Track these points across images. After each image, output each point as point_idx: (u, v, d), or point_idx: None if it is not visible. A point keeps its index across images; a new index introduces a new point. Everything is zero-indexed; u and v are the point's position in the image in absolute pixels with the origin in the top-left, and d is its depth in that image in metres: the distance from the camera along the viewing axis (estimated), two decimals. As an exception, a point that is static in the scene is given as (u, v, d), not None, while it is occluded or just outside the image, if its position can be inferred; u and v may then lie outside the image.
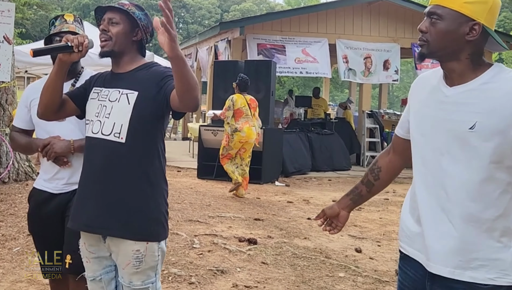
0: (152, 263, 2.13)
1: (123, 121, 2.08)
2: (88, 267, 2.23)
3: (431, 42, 1.65)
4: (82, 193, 2.16)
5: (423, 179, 1.74)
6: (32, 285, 3.77)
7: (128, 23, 2.15)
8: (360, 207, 7.12)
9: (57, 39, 2.55)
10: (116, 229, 2.08)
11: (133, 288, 2.12)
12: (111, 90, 2.14)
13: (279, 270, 4.38)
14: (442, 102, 1.68)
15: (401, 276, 1.87)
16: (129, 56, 2.18)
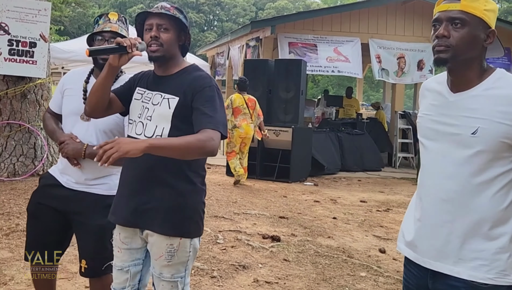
0: (183, 259, 2.21)
1: (165, 124, 2.15)
2: (119, 256, 2.31)
3: (456, 47, 1.64)
4: (125, 190, 2.25)
5: (427, 181, 1.76)
6: (61, 272, 3.90)
7: (176, 28, 2.21)
8: (388, 207, 7.10)
9: (99, 38, 2.59)
10: (154, 225, 2.16)
11: (163, 279, 2.20)
12: (154, 93, 2.21)
13: (300, 267, 4.42)
14: (446, 108, 1.70)
15: (405, 275, 1.90)
16: (175, 60, 2.24)
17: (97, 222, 2.59)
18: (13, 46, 6.60)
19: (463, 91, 1.68)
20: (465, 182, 1.63)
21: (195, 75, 2.21)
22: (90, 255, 2.65)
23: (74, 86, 2.71)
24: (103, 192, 2.64)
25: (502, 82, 1.63)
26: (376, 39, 11.51)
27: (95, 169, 2.58)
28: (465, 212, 1.63)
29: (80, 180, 2.63)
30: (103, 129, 2.61)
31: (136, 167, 2.18)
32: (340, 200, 7.60)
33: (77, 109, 2.64)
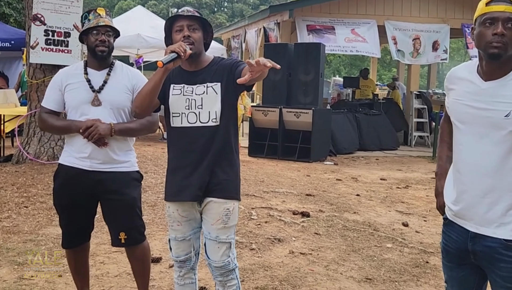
0: (235, 221, 2.61)
1: (216, 108, 2.51)
2: (179, 229, 2.63)
3: (510, 44, 1.90)
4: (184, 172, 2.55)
5: (466, 159, 2.06)
6: (113, 247, 4.29)
7: (203, 28, 2.56)
8: (407, 185, 7.42)
9: (94, 32, 2.85)
10: (216, 192, 2.53)
11: (219, 241, 2.55)
12: (195, 86, 2.54)
13: (331, 240, 4.78)
14: (478, 94, 2.00)
15: (445, 239, 2.20)
16: (203, 56, 2.60)
17: (130, 195, 2.95)
18: (49, 36, 6.95)
19: (494, 80, 1.98)
20: (502, 158, 1.94)
21: (224, 61, 2.61)
22: (128, 226, 2.96)
23: (74, 80, 2.93)
24: (127, 169, 2.97)
25: None
26: (392, 21, 11.71)
27: (118, 144, 2.92)
28: (503, 184, 1.95)
29: (107, 159, 2.88)
30: (118, 108, 2.91)
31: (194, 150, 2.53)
32: (361, 178, 7.93)
33: (87, 97, 2.88)
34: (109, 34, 2.91)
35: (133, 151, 3.09)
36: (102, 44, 2.87)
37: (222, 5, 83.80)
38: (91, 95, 2.88)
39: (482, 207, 2.00)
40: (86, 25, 2.92)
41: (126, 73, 3.01)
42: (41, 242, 4.31)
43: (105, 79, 2.93)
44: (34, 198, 5.46)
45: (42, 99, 7.04)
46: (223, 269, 2.57)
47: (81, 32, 2.95)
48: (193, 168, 2.54)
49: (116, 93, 2.92)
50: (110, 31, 2.92)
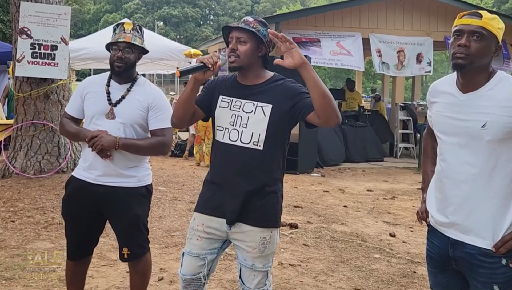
0: (273, 249, 2.48)
1: (261, 131, 2.37)
2: (197, 244, 2.50)
3: (473, 55, 2.00)
4: (220, 189, 2.46)
5: (447, 167, 2.13)
6: (102, 260, 4.28)
7: (254, 41, 2.39)
8: (394, 195, 7.49)
9: (114, 48, 2.85)
10: (251, 219, 2.41)
11: (255, 269, 2.44)
12: (244, 102, 2.42)
13: (319, 251, 4.80)
14: (457, 106, 2.07)
15: (428, 246, 2.27)
16: (256, 70, 2.45)
17: (133, 212, 2.91)
18: (35, 49, 6.93)
19: (472, 92, 2.05)
20: (480, 167, 2.00)
21: (286, 84, 2.45)
22: (131, 241, 2.96)
23: (95, 90, 2.96)
24: (133, 184, 2.92)
25: (502, 83, 2.01)
26: (377, 34, 11.86)
27: (125, 159, 2.89)
28: (482, 193, 2.01)
29: (111, 172, 2.87)
30: (130, 124, 2.89)
31: (232, 169, 2.41)
32: (348, 190, 7.99)
33: (103, 109, 2.90)
34: (128, 51, 2.87)
35: (145, 167, 3.03)
36: (118, 60, 2.86)
37: (208, 18, 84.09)
38: (107, 108, 2.88)
39: (462, 214, 2.05)
40: (112, 38, 2.93)
41: (145, 91, 2.97)
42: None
43: (124, 94, 2.92)
44: (21, 212, 5.42)
45: (28, 113, 7.04)
46: None
47: (106, 45, 2.95)
48: (229, 188, 2.44)
49: (130, 109, 2.90)
50: (129, 48, 2.88)
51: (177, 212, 5.79)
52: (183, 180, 7.47)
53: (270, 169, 2.42)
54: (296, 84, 2.46)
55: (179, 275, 2.57)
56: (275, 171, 2.45)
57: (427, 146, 2.47)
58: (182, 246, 4.74)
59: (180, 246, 4.73)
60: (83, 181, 2.93)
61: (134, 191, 2.92)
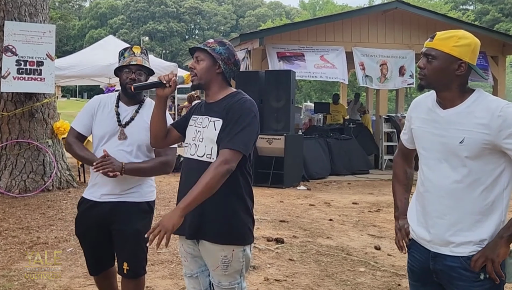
0: (238, 267, 2.47)
1: (212, 144, 2.43)
2: (186, 265, 2.60)
3: (428, 76, 2.11)
4: None
5: (427, 182, 2.20)
6: (88, 279, 4.27)
7: (210, 59, 2.47)
8: (379, 208, 7.56)
9: (126, 70, 2.97)
10: (209, 235, 2.42)
11: (222, 287, 2.48)
12: (203, 118, 2.52)
13: (305, 265, 4.84)
14: (437, 122, 2.14)
15: (410, 259, 2.33)
16: (216, 87, 2.52)
17: (134, 227, 2.97)
18: (21, 65, 6.96)
19: (450, 108, 2.12)
20: (459, 182, 2.07)
21: (237, 98, 2.47)
22: (130, 257, 3.02)
23: (105, 110, 3.07)
24: (135, 199, 3.02)
25: (479, 101, 2.08)
26: (359, 47, 12.03)
27: (128, 180, 2.99)
28: (461, 206, 2.07)
29: (116, 191, 2.99)
30: (139, 144, 3.00)
31: (191, 185, 2.37)
32: (334, 203, 8.05)
33: (112, 130, 3.02)
34: (140, 73, 3.00)
35: (148, 183, 3.11)
36: (132, 82, 2.94)
37: (193, 33, 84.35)
38: (117, 128, 2.99)
39: (442, 228, 2.12)
40: (120, 62, 3.04)
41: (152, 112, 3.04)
42: (14, 277, 4.26)
43: (133, 116, 3.03)
44: (5, 232, 5.40)
45: (13, 132, 7.03)
46: None
47: (115, 69, 3.05)
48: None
49: (139, 131, 3.00)
50: (141, 70, 3.01)
51: (163, 229, 5.81)
52: (169, 197, 7.48)
53: (226, 182, 2.35)
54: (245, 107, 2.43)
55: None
56: (232, 184, 2.41)
57: (398, 171, 2.49)
58: (168, 263, 4.76)
59: (166, 263, 4.74)
60: (90, 201, 3.06)
61: (137, 206, 3.02)
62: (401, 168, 2.49)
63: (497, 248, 2.03)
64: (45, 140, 7.18)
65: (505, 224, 2.08)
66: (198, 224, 2.43)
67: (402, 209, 2.42)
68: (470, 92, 2.12)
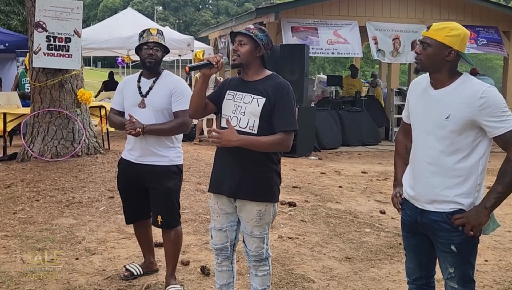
0: (268, 220, 2.96)
1: (255, 118, 2.84)
2: (218, 220, 3.02)
3: (423, 61, 2.51)
4: (222, 168, 2.97)
5: (417, 150, 2.64)
6: (121, 233, 4.80)
7: (253, 43, 2.87)
8: (386, 177, 8.00)
9: (145, 48, 3.53)
10: (247, 194, 2.89)
11: (254, 236, 2.95)
12: (244, 94, 2.89)
13: (315, 226, 5.33)
14: (428, 100, 2.57)
15: (402, 215, 2.78)
16: (255, 68, 2.92)
17: (166, 185, 3.55)
18: (50, 42, 7.40)
19: (440, 89, 2.54)
20: (442, 151, 2.50)
21: (277, 82, 2.91)
22: (164, 211, 3.58)
23: (130, 86, 3.67)
24: (166, 163, 3.57)
25: (465, 84, 2.50)
26: (373, 22, 12.28)
27: (159, 142, 3.54)
28: (443, 171, 2.51)
29: (147, 154, 3.53)
30: (158, 110, 3.53)
31: (231, 151, 2.86)
32: (344, 172, 8.50)
33: (135, 101, 3.57)
34: (157, 49, 3.55)
35: (176, 148, 3.62)
36: (149, 57, 3.53)
37: (207, 3, 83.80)
38: (139, 99, 3.54)
39: (427, 189, 2.56)
40: (140, 41, 3.57)
41: (168, 80, 3.60)
42: (56, 231, 4.80)
43: (151, 86, 3.56)
44: (43, 192, 5.94)
45: (44, 101, 7.54)
46: (257, 257, 3.02)
47: (136, 47, 3.62)
48: (230, 167, 2.91)
49: (158, 98, 3.53)
50: (157, 47, 3.55)
51: (185, 192, 6.29)
52: (188, 163, 7.97)
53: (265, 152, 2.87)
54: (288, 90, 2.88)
55: (211, 246, 3.12)
56: (270, 153, 2.90)
57: (399, 146, 2.91)
58: (191, 221, 5.27)
59: (189, 221, 5.25)
60: (128, 161, 3.64)
61: (167, 168, 3.55)
62: (402, 144, 2.89)
63: (480, 217, 2.46)
64: (73, 109, 7.67)
65: (479, 186, 2.52)
66: (237, 185, 2.89)
67: (399, 179, 2.85)
68: (458, 76, 2.53)
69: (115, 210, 5.43)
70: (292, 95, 2.91)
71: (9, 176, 6.64)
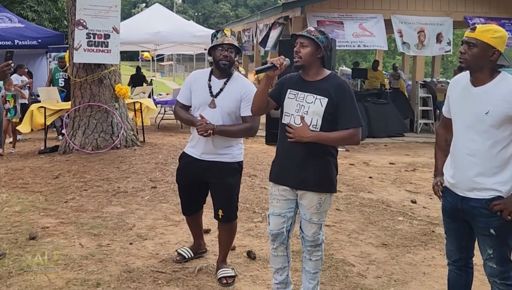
0: (326, 208, 3.23)
1: (318, 117, 3.05)
2: (278, 206, 3.25)
3: (468, 60, 2.73)
4: (286, 161, 3.18)
5: (458, 142, 2.86)
6: (168, 221, 5.10)
7: (314, 45, 3.06)
8: (415, 168, 8.19)
9: (220, 48, 3.58)
10: (311, 185, 3.13)
11: (312, 222, 3.20)
12: (306, 94, 3.09)
13: (350, 214, 5.57)
14: (469, 97, 2.79)
15: (444, 201, 3.01)
16: (315, 68, 3.11)
17: (228, 181, 3.72)
18: (90, 38, 7.74)
19: (480, 86, 2.76)
20: (482, 143, 2.72)
21: (337, 82, 3.11)
22: (225, 206, 3.77)
23: (200, 84, 3.73)
24: (228, 160, 3.72)
25: (503, 82, 2.71)
26: (398, 15, 12.39)
27: (222, 141, 3.68)
28: (483, 162, 2.73)
29: (211, 151, 3.68)
30: (227, 112, 3.64)
31: (294, 147, 3.09)
32: (372, 163, 8.71)
33: (205, 100, 3.66)
34: (231, 51, 3.61)
35: (238, 146, 3.77)
36: (225, 58, 3.59)
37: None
38: (209, 99, 3.62)
39: (468, 178, 2.79)
40: (214, 42, 3.65)
41: (239, 84, 3.67)
42: (107, 218, 5.11)
43: (222, 87, 3.64)
44: (90, 183, 6.27)
45: (85, 96, 7.91)
46: (313, 243, 3.26)
47: (209, 48, 3.68)
48: (294, 161, 3.14)
49: (228, 100, 3.61)
50: (232, 48, 3.61)
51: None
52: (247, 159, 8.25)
53: (325, 146, 3.11)
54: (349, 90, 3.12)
55: (268, 231, 3.35)
56: (328, 148, 3.15)
57: (440, 139, 3.13)
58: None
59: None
60: (191, 157, 3.78)
61: (229, 165, 3.71)
62: (442, 137, 3.11)
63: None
64: (112, 103, 8.00)
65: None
66: (301, 177, 3.14)
67: (440, 169, 3.07)
68: (497, 74, 2.74)
69: (159, 199, 5.74)
70: (352, 93, 3.12)
71: (56, 167, 6.99)
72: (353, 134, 3.07)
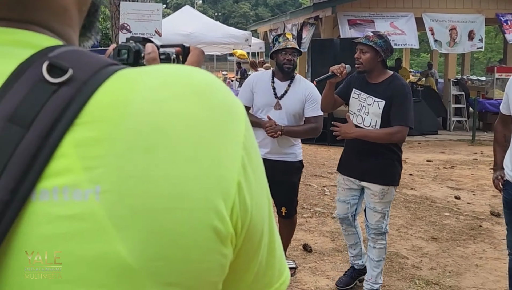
0: (390, 198, 3.44)
1: (377, 118, 3.30)
2: (342, 193, 3.58)
3: None
4: (353, 155, 3.46)
5: None
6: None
7: (373, 51, 3.28)
8: (453, 165, 8.25)
9: (283, 52, 3.68)
10: (374, 178, 3.39)
11: (375, 211, 3.42)
12: (367, 96, 3.34)
13: (397, 210, 5.69)
14: None
15: (505, 194, 3.12)
16: (377, 71, 3.34)
17: (292, 179, 3.85)
18: (134, 42, 7.97)
19: None
20: None
21: (395, 84, 3.31)
22: (288, 203, 3.90)
23: (261, 85, 3.81)
24: (291, 159, 3.82)
25: None
26: (429, 13, 12.41)
27: (286, 141, 3.79)
28: None
29: (275, 151, 3.75)
30: (292, 114, 3.75)
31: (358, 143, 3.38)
32: (409, 160, 8.78)
33: (270, 102, 3.75)
34: (294, 54, 3.71)
35: (299, 145, 3.90)
36: (288, 62, 3.69)
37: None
38: (274, 100, 3.73)
39: None
40: (276, 46, 3.74)
41: (302, 86, 3.78)
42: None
43: (286, 89, 3.73)
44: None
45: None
46: (376, 231, 3.46)
47: (272, 52, 3.81)
48: (358, 155, 3.42)
49: (292, 102, 3.71)
50: (295, 52, 3.71)
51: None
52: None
53: (386, 143, 3.34)
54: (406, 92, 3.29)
55: (336, 214, 3.69)
56: (390, 145, 3.36)
57: (498, 135, 3.25)
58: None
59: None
60: None
61: (293, 164, 3.83)
62: (501, 133, 3.23)
63: None
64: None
65: None
66: (365, 171, 3.41)
67: (499, 164, 3.19)
68: None
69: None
70: (408, 96, 3.27)
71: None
72: (397, 130, 3.21)
